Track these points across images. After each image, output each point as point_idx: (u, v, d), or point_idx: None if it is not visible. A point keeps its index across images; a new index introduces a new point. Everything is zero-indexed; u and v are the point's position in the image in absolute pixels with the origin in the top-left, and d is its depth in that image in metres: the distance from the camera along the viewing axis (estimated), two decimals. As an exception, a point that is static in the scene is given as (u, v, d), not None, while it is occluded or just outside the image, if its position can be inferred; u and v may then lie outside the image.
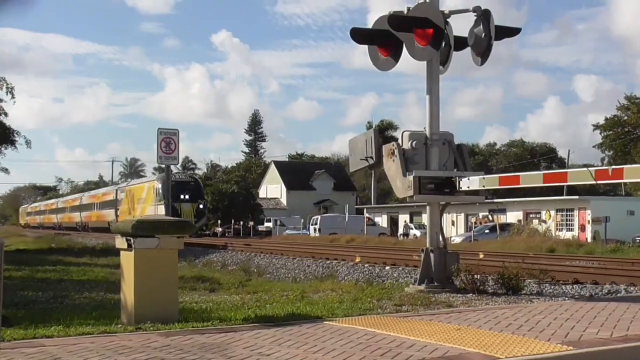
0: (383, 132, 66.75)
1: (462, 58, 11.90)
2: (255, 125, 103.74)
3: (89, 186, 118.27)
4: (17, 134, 34.16)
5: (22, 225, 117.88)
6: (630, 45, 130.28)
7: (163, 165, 21.86)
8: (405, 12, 11.54)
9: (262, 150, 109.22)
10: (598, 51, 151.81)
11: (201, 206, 49.92)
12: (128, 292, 8.28)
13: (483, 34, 11.33)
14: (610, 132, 72.22)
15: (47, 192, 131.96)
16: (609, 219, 43.44)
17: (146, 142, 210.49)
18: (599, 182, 10.78)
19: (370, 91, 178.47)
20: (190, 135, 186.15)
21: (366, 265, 20.05)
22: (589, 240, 42.76)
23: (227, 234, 63.98)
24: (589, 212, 48.15)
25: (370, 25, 12.36)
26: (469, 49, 11.67)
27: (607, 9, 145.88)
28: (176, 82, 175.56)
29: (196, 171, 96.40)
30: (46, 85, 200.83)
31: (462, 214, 56.71)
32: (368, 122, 66.76)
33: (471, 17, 11.51)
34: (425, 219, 15.08)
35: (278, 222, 67.31)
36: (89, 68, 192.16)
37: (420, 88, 14.69)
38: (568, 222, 49.95)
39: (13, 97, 32.65)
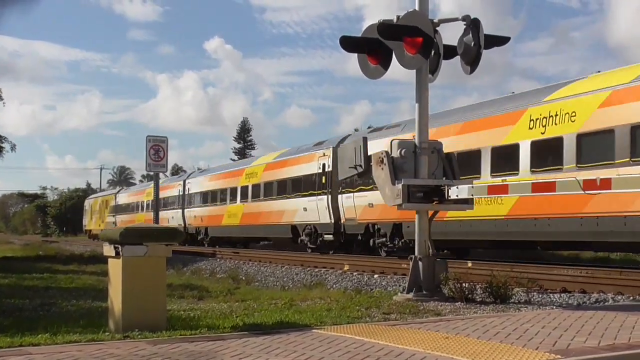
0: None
1: (456, 67, 11.94)
2: (244, 133, 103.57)
3: (77, 194, 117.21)
4: (4, 140, 33.96)
5: (94, 234, 66.41)
6: (625, 53, 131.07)
7: (152, 173, 21.77)
8: (395, 20, 11.58)
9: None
10: (593, 59, 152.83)
11: None
12: (116, 300, 8.24)
13: (472, 43, 11.39)
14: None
15: (34, 199, 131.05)
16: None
17: (138, 149, 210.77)
18: (587, 192, 10.81)
19: (363, 99, 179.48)
20: (182, 142, 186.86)
21: (355, 273, 20.03)
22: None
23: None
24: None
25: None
26: (458, 57, 11.73)
27: (603, 17, 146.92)
28: (169, 89, 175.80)
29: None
30: (38, 92, 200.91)
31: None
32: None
33: (461, 26, 11.58)
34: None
35: None
36: (81, 75, 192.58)
37: (413, 96, 14.18)
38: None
39: (1, 99, 32.45)
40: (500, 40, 12.09)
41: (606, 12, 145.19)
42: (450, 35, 11.91)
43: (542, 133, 18.73)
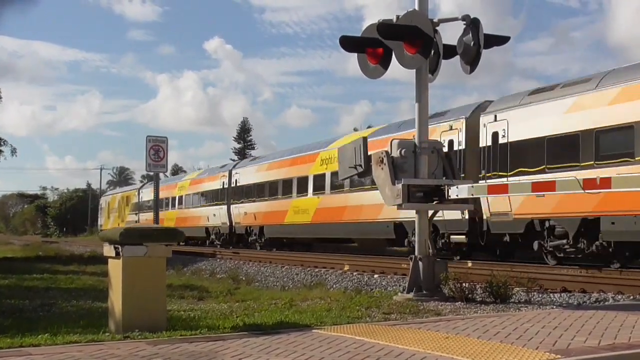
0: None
1: (456, 66, 11.94)
2: (244, 133, 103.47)
3: (77, 194, 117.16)
4: (4, 142, 34.02)
5: None
6: (625, 53, 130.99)
7: (151, 173, 21.76)
8: (395, 20, 11.58)
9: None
10: (593, 59, 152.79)
11: None
12: (116, 301, 8.24)
13: (472, 43, 11.40)
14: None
15: (34, 200, 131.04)
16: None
17: (137, 150, 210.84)
18: (586, 191, 10.80)
19: (363, 99, 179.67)
20: (182, 142, 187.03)
21: (355, 273, 20.05)
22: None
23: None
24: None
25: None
26: (458, 57, 11.73)
27: (603, 17, 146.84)
28: (168, 90, 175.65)
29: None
30: (38, 93, 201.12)
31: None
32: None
33: (461, 26, 11.58)
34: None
35: None
36: (81, 75, 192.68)
37: (413, 96, 12.12)
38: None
39: (0, 98, 32.52)
40: (500, 40, 12.09)
41: (606, 12, 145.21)
42: (450, 35, 11.93)
43: None
